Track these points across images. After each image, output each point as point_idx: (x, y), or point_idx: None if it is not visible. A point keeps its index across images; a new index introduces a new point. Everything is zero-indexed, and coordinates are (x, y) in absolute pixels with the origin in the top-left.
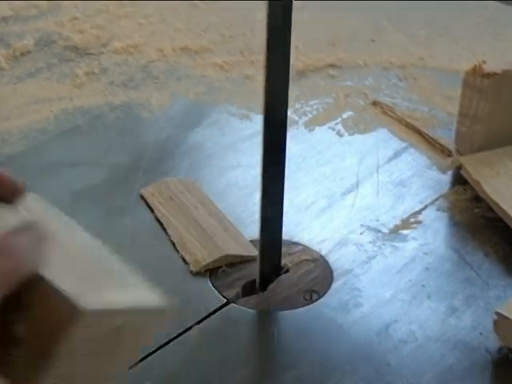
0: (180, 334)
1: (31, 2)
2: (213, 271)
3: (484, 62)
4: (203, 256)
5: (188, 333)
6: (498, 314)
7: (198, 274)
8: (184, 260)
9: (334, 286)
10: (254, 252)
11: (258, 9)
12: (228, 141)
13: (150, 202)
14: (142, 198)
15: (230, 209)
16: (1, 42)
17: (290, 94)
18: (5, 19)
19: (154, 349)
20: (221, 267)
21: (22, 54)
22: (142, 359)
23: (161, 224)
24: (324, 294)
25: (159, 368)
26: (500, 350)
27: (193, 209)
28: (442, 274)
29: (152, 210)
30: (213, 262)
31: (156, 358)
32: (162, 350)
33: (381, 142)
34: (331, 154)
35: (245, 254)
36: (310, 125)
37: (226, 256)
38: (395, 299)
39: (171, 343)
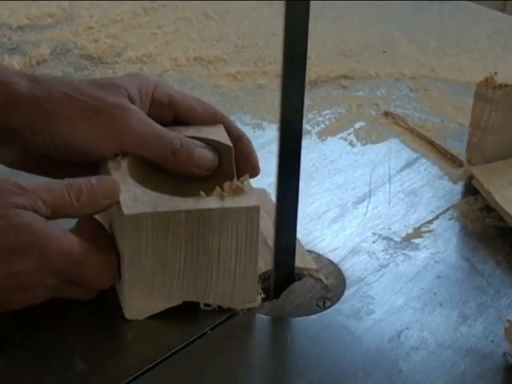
0: (194, 340)
1: (46, 11)
2: None
3: (496, 73)
4: None
5: (202, 338)
6: (509, 321)
7: None
8: None
9: (347, 293)
10: None
11: (270, 20)
12: None
13: None
14: None
15: None
16: (17, 50)
17: None
18: (21, 28)
19: (168, 354)
20: None
21: (38, 63)
22: (157, 365)
23: None
24: (337, 302)
25: (173, 373)
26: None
27: None
28: (454, 282)
29: None
30: None
31: (170, 363)
32: (176, 355)
33: (392, 152)
34: (343, 163)
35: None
36: (323, 135)
37: None
38: (407, 307)
39: (185, 349)
